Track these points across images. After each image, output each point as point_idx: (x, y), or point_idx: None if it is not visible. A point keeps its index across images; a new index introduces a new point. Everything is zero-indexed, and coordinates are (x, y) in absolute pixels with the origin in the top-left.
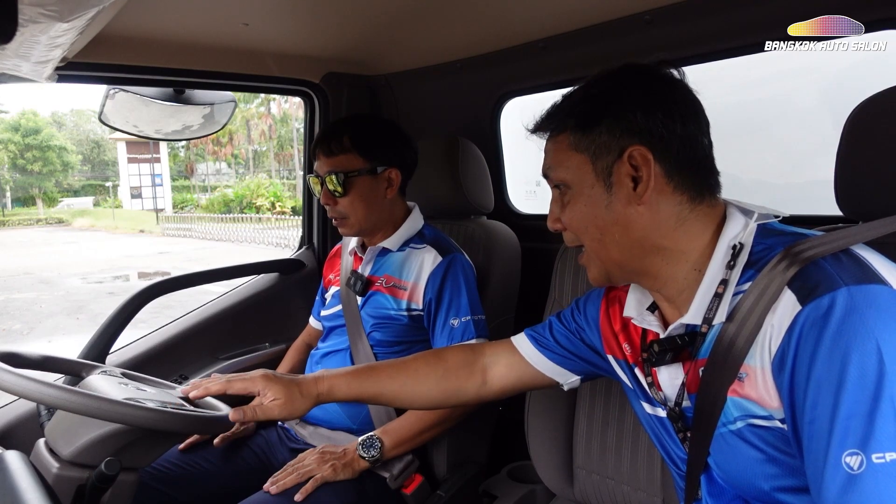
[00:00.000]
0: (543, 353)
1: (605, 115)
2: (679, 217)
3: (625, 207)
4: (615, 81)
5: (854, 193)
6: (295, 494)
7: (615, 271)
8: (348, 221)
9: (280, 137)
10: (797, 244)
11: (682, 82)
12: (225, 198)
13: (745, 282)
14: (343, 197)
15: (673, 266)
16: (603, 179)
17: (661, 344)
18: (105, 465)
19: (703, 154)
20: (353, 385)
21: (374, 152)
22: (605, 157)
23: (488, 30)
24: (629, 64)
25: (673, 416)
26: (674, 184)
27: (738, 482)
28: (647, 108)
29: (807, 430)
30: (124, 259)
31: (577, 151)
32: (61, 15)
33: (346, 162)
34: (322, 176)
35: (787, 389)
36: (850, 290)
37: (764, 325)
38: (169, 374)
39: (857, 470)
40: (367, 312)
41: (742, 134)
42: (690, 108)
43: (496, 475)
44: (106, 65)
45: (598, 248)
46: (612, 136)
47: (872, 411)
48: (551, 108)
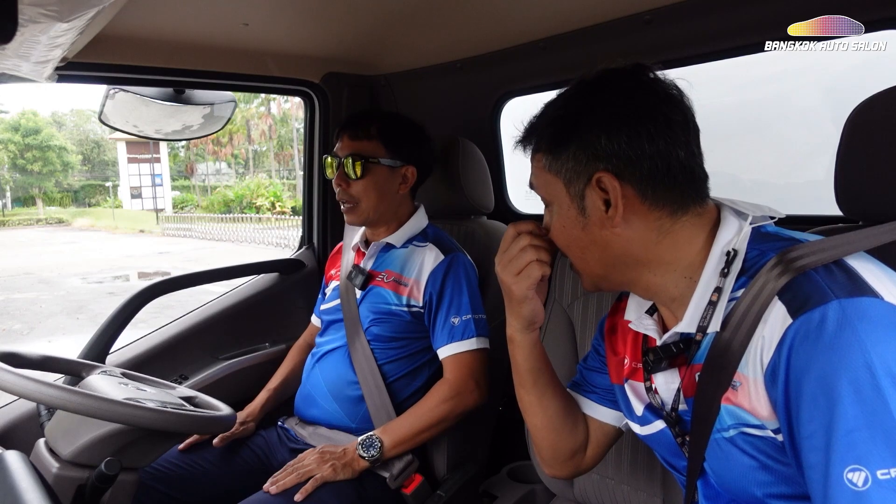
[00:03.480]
0: (593, 399)
1: (572, 139)
2: (660, 231)
3: (600, 230)
4: (582, 100)
5: (854, 193)
6: (295, 494)
7: (602, 283)
8: (358, 207)
9: (280, 137)
10: (791, 250)
11: (659, 89)
12: (225, 198)
13: (738, 288)
14: (358, 181)
15: (661, 276)
16: (577, 203)
17: (655, 353)
18: (105, 465)
19: (680, 166)
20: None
21: (398, 147)
22: (576, 181)
23: (488, 30)
24: (604, 72)
25: (670, 421)
26: (649, 201)
27: (732, 488)
28: (611, 130)
29: (805, 445)
30: (124, 259)
31: (551, 173)
32: (61, 15)
33: (370, 148)
34: (342, 157)
35: (782, 404)
36: (841, 303)
37: (755, 334)
38: (169, 374)
39: (861, 487)
40: (366, 307)
41: (742, 134)
42: (661, 119)
43: (496, 475)
44: (106, 65)
45: (582, 264)
46: (578, 162)
47: (871, 426)
48: (528, 125)
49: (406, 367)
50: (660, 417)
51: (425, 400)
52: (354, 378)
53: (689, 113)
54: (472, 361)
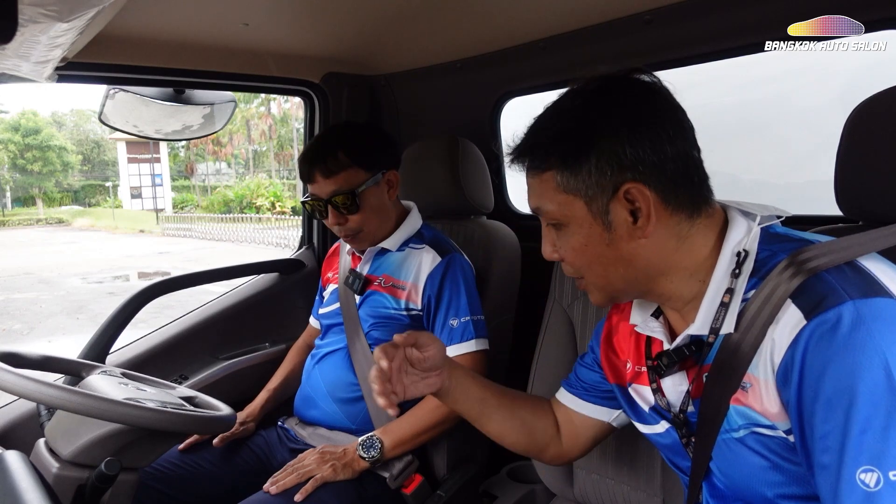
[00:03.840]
0: (577, 394)
1: (591, 152)
2: (679, 236)
3: (627, 243)
4: (592, 108)
5: (854, 193)
6: (295, 494)
7: (619, 296)
8: (361, 235)
9: (280, 137)
10: (802, 251)
11: (661, 91)
12: (225, 198)
13: (749, 290)
14: (354, 214)
15: (678, 283)
16: (601, 218)
17: (669, 356)
18: (105, 465)
19: (695, 167)
20: (475, 390)
21: (371, 161)
22: (599, 197)
23: (488, 30)
24: (603, 79)
25: (677, 423)
26: (672, 206)
27: (741, 488)
28: (633, 138)
29: (818, 446)
30: (124, 259)
31: (568, 193)
32: (61, 15)
33: (350, 178)
34: (325, 199)
35: (794, 405)
36: (855, 303)
37: (767, 335)
38: (169, 374)
39: (873, 487)
40: (365, 312)
41: (742, 134)
42: (674, 120)
43: (496, 475)
44: (106, 65)
45: (603, 282)
46: (602, 175)
47: (886, 427)
48: (526, 143)
49: None
50: (666, 419)
51: (426, 401)
52: (355, 380)
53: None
54: (472, 363)
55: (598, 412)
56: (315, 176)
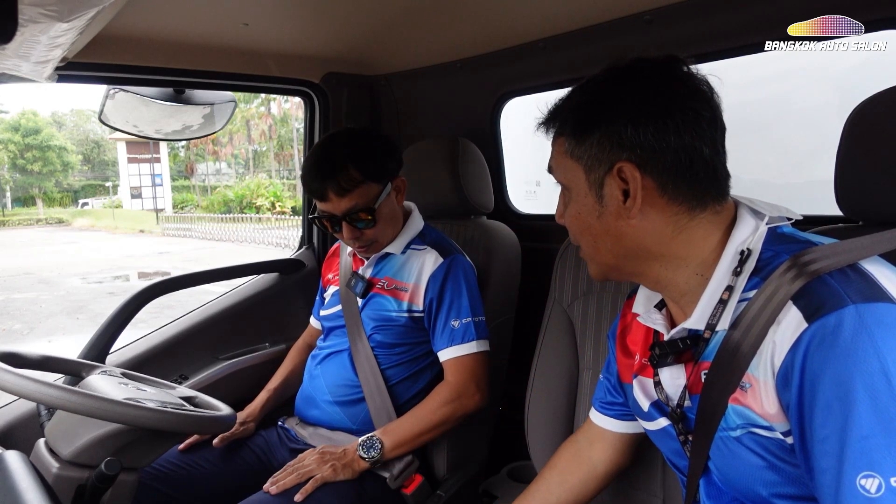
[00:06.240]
0: (611, 414)
1: (597, 126)
2: (676, 226)
3: (615, 220)
4: (612, 87)
5: (854, 193)
6: (295, 495)
7: (611, 272)
8: (377, 244)
9: (280, 137)
10: (804, 253)
11: (690, 83)
12: (225, 198)
13: (750, 289)
14: (371, 228)
15: (672, 271)
16: (595, 191)
17: (661, 347)
18: (105, 465)
19: (703, 163)
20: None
21: (381, 171)
22: (596, 169)
23: (488, 30)
24: (636, 61)
25: (674, 418)
26: (668, 196)
27: (737, 486)
28: (638, 121)
29: (818, 449)
30: (124, 259)
31: (573, 159)
32: (61, 15)
33: (365, 194)
34: (339, 215)
35: (794, 407)
36: (857, 308)
37: (767, 336)
38: (169, 374)
39: (874, 493)
40: (367, 315)
41: (742, 134)
42: (690, 114)
43: (496, 475)
44: (106, 65)
45: (593, 252)
46: (601, 149)
47: (887, 432)
48: (553, 108)
49: (408, 370)
50: (664, 414)
51: (426, 402)
52: (356, 381)
53: (718, 110)
54: (473, 364)
55: (634, 427)
56: (328, 195)
